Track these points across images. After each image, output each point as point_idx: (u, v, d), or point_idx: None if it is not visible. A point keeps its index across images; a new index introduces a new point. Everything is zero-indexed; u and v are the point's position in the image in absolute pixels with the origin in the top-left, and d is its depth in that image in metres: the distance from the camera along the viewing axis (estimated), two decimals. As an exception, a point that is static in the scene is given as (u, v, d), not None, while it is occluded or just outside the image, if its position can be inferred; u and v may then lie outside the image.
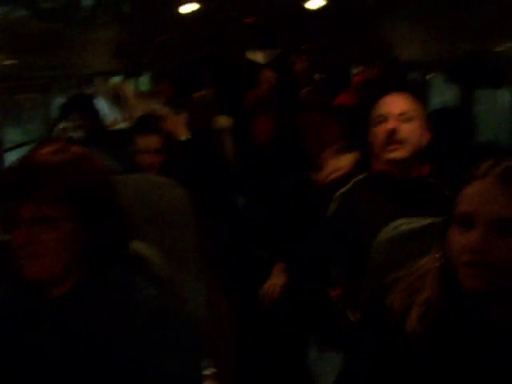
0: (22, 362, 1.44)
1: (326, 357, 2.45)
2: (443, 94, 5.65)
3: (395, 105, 2.36)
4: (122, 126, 4.89)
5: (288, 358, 3.21)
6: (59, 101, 5.28)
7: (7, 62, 3.98)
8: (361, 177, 2.48)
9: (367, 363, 1.56)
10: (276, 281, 3.05)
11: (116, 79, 7.15)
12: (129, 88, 4.72)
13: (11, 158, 4.43)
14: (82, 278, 1.47)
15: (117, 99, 4.60)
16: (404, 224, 1.87)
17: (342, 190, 2.45)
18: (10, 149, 4.59)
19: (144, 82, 8.45)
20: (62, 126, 4.01)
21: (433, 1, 4.53)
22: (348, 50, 7.87)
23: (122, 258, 1.54)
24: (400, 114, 2.33)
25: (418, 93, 4.09)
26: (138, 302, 1.45)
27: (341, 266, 2.43)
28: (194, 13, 6.66)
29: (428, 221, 1.85)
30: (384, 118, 2.35)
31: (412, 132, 2.33)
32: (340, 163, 2.77)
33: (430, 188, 2.40)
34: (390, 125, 2.32)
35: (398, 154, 2.31)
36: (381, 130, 2.34)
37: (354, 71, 6.60)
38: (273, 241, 3.40)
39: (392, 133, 2.30)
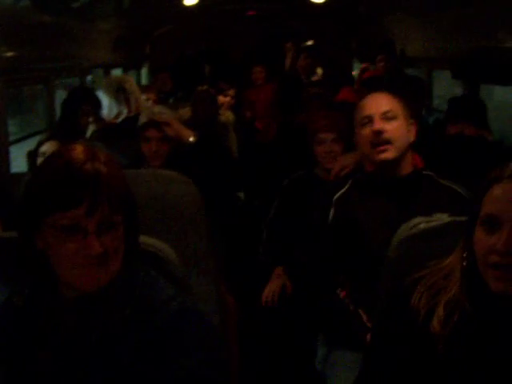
0: (42, 364, 1.41)
1: (335, 356, 2.43)
2: (448, 90, 5.64)
3: (377, 105, 2.34)
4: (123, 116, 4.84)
5: (297, 358, 3.18)
6: (60, 93, 5.25)
7: (8, 54, 3.94)
8: (355, 178, 2.47)
9: (390, 362, 1.55)
10: (275, 286, 3.02)
11: (116, 72, 7.11)
12: (132, 81, 4.67)
13: (15, 150, 4.42)
14: None
15: (119, 92, 4.53)
16: (422, 222, 1.84)
17: (339, 193, 2.43)
18: (16, 141, 4.57)
19: (145, 74, 8.42)
20: (92, 129, 3.96)
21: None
22: (350, 45, 7.87)
23: (137, 256, 1.52)
24: (383, 114, 2.31)
25: (418, 89, 4.09)
26: (159, 302, 1.43)
27: (345, 268, 2.40)
28: (194, 5, 6.62)
29: (447, 219, 1.82)
30: (368, 120, 2.33)
31: (398, 130, 2.30)
32: (349, 160, 2.74)
33: (428, 180, 2.38)
34: (375, 126, 2.29)
35: (388, 154, 2.29)
36: (366, 132, 2.32)
37: (361, 66, 6.58)
38: (273, 237, 3.38)
39: (378, 133, 2.28)
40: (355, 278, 2.34)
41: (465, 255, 1.47)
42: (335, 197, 2.42)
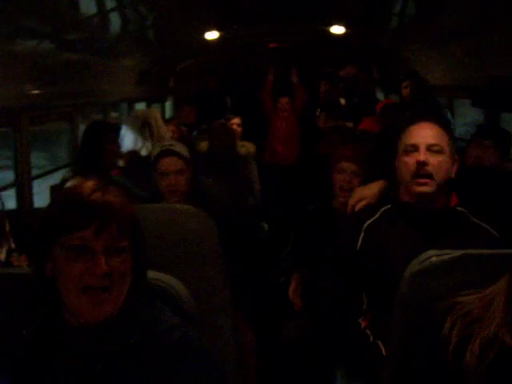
0: None
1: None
2: (468, 118, 5.62)
3: (425, 135, 2.31)
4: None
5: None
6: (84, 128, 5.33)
7: (33, 92, 4.02)
8: (388, 207, 2.45)
9: None
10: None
11: (140, 105, 7.20)
12: (158, 115, 4.69)
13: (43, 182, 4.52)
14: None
15: (145, 127, 4.57)
16: (434, 256, 1.82)
17: (370, 220, 2.42)
18: (39, 176, 4.66)
19: (169, 107, 8.52)
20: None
21: (456, 26, 4.52)
22: (371, 76, 7.89)
23: (143, 288, 1.58)
24: (430, 146, 2.28)
25: (443, 119, 4.09)
26: (162, 330, 1.49)
27: (367, 297, 2.40)
28: (216, 39, 6.70)
29: (459, 253, 1.80)
30: (414, 148, 2.30)
31: (441, 165, 2.28)
32: (366, 192, 2.73)
33: (460, 217, 2.35)
34: (420, 156, 2.27)
35: (427, 188, 2.27)
36: (410, 161, 2.30)
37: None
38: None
39: (422, 165, 2.26)
40: (377, 308, 2.34)
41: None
42: (365, 224, 2.41)
